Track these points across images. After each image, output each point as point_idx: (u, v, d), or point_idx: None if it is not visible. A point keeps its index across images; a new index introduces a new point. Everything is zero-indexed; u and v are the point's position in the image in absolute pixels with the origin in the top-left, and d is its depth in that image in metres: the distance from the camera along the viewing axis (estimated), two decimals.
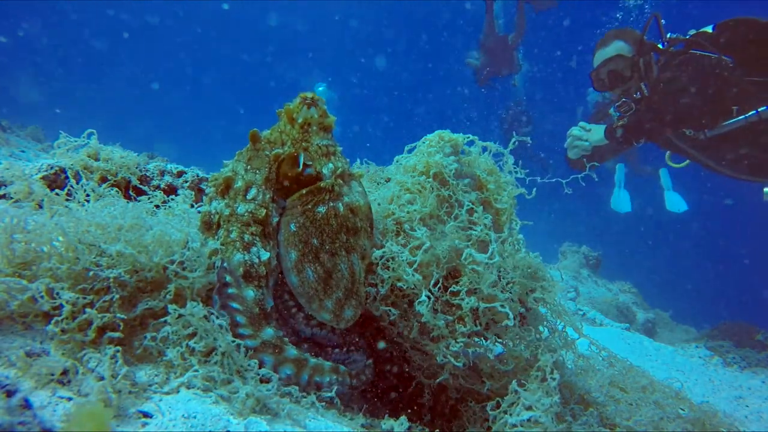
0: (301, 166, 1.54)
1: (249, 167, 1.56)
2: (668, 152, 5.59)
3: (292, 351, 1.42)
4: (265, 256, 1.47)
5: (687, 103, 4.73)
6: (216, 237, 1.51)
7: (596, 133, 5.22)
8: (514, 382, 1.54)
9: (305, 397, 1.38)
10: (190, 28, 44.16)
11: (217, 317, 1.34)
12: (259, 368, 1.32)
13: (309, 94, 1.63)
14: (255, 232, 1.48)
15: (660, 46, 5.09)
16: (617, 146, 5.26)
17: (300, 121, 1.62)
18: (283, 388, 1.34)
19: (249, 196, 1.51)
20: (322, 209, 1.54)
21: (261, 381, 1.29)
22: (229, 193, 1.55)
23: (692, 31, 5.12)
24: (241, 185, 1.53)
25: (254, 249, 1.46)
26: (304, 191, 1.55)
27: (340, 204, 1.56)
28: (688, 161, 5.58)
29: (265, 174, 1.54)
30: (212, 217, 1.54)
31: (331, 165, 1.59)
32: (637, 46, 5.00)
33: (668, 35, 5.13)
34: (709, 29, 4.99)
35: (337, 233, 1.54)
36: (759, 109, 4.68)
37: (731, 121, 4.80)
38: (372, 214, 1.67)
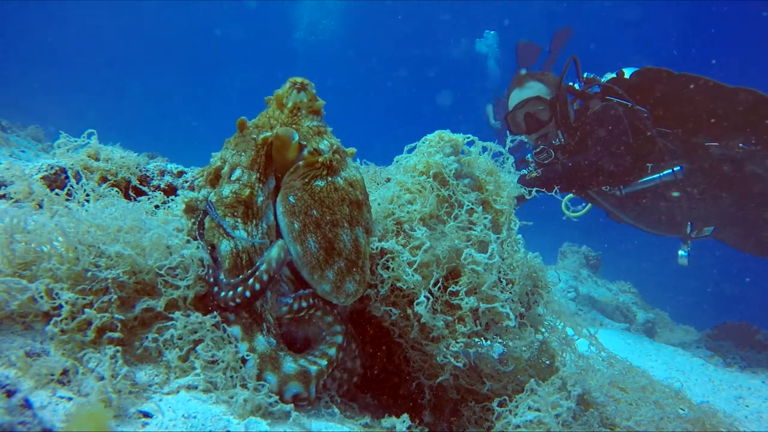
0: (296, 140, 1.54)
1: (235, 152, 1.56)
2: (564, 200, 5.34)
3: (290, 365, 1.40)
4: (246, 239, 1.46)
5: (605, 161, 4.59)
6: (193, 218, 1.51)
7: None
8: (532, 381, 1.55)
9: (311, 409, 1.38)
10: (198, 27, 44.20)
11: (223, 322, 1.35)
12: (258, 380, 1.32)
13: (299, 79, 1.64)
14: (237, 214, 1.47)
15: (576, 86, 4.95)
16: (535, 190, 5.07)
17: (289, 105, 1.63)
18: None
19: (233, 177, 1.51)
20: (320, 183, 1.55)
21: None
22: (219, 181, 1.55)
23: (609, 75, 5.03)
24: (227, 169, 1.54)
25: (237, 232, 1.45)
26: (301, 163, 1.55)
27: (339, 178, 1.58)
28: (585, 209, 5.40)
29: (251, 155, 1.54)
30: (198, 202, 1.54)
31: (326, 142, 1.61)
32: (555, 89, 4.81)
33: (584, 75, 5.00)
34: (626, 73, 4.90)
35: (338, 206, 1.55)
36: (674, 168, 4.62)
37: (646, 179, 4.74)
38: (366, 189, 1.69)
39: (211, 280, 1.39)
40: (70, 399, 1.07)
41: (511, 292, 1.70)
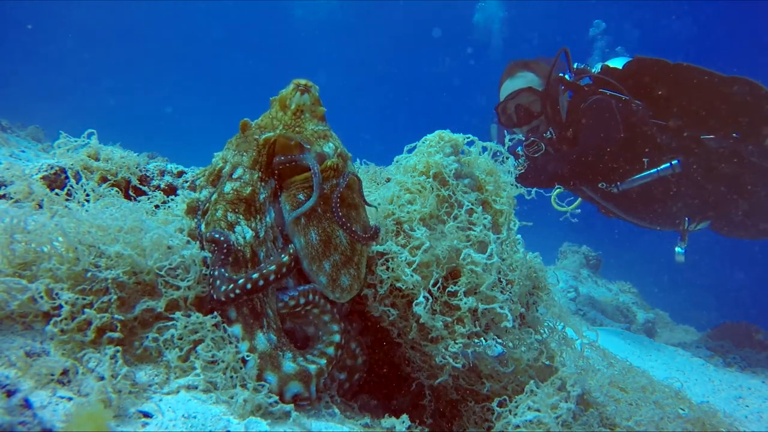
0: (294, 142, 1.55)
1: (236, 152, 1.58)
2: (554, 194, 5.13)
3: (289, 364, 1.40)
4: (249, 234, 1.47)
5: (598, 157, 4.46)
6: (195, 219, 1.53)
7: None
8: (531, 382, 1.56)
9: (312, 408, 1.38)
10: (198, 27, 44.23)
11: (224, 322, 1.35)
12: (258, 380, 1.32)
13: (302, 81, 1.65)
14: (239, 210, 1.48)
15: (567, 77, 4.82)
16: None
17: (293, 107, 1.63)
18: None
19: (235, 176, 1.52)
20: (325, 185, 1.58)
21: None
22: (219, 180, 1.56)
23: (599, 65, 4.90)
24: (228, 168, 1.56)
25: (238, 228, 1.46)
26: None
27: (342, 180, 1.61)
28: (574, 205, 5.20)
29: (252, 155, 1.55)
30: (199, 203, 1.55)
31: (331, 144, 1.63)
32: (546, 80, 4.66)
33: (575, 65, 4.88)
34: (618, 65, 4.76)
35: (338, 206, 1.59)
36: (672, 162, 4.52)
37: (643, 174, 4.63)
38: (363, 191, 1.72)
39: (216, 273, 1.39)
40: (70, 399, 1.07)
41: (510, 293, 1.70)
